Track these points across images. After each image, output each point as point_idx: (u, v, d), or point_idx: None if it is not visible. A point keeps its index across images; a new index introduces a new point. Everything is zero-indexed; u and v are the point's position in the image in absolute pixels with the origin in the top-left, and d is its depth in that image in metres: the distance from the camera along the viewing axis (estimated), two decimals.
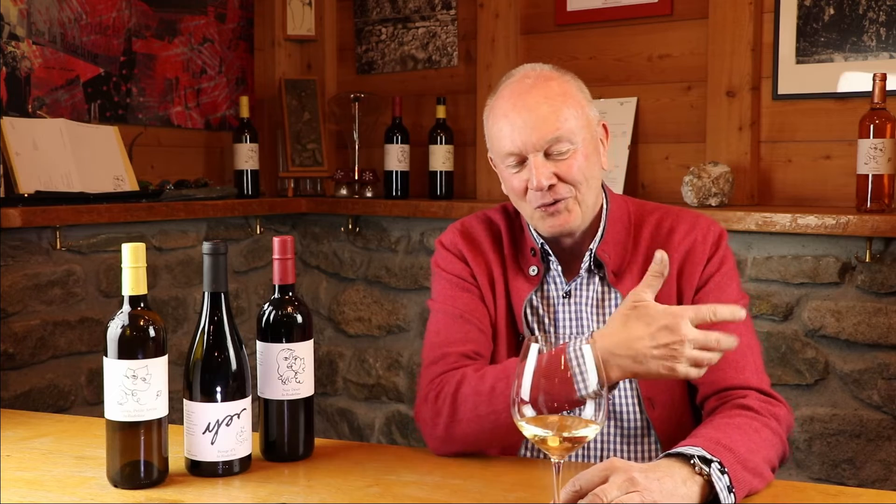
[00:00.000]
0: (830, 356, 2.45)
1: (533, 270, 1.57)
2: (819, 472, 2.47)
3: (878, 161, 2.34)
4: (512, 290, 1.58)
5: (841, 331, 2.43)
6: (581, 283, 1.56)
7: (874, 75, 2.35)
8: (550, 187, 1.47)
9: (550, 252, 1.57)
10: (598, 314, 1.55)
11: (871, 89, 2.36)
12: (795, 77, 2.62)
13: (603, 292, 1.55)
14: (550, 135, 1.45)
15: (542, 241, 1.57)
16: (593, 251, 1.54)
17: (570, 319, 1.56)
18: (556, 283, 1.57)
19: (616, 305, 1.53)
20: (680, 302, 1.51)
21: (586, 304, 1.55)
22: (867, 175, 2.36)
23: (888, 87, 2.36)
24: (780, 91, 2.64)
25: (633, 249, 1.55)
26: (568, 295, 1.56)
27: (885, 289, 2.37)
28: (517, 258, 1.59)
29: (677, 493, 1.17)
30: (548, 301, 1.57)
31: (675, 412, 1.52)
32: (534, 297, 1.57)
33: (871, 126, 2.34)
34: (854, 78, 2.54)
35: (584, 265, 1.55)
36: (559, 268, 1.57)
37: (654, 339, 1.27)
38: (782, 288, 2.51)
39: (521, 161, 1.48)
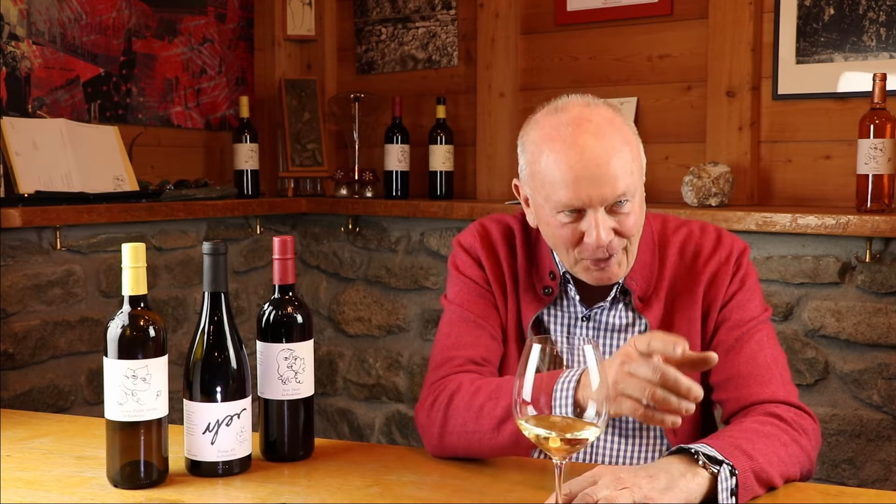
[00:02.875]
0: (830, 356, 2.45)
1: (547, 290, 1.52)
2: (819, 472, 2.47)
3: (878, 161, 2.34)
4: (522, 304, 1.54)
5: (841, 331, 2.43)
6: (603, 308, 1.51)
7: (874, 75, 2.35)
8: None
9: (571, 280, 1.52)
10: (621, 340, 1.51)
11: (871, 89, 2.36)
12: (795, 77, 2.62)
13: (628, 317, 1.51)
14: (620, 191, 1.37)
15: (564, 269, 1.51)
16: (621, 283, 1.49)
17: None
18: (574, 307, 1.53)
19: (642, 332, 1.49)
20: (705, 319, 1.49)
21: (606, 329, 1.52)
22: (867, 175, 2.36)
23: (888, 87, 2.36)
24: (780, 91, 2.64)
25: (658, 273, 1.50)
26: (587, 318, 1.53)
27: (885, 289, 2.37)
28: (530, 273, 1.55)
29: (676, 486, 1.16)
30: (562, 321, 1.54)
31: (688, 420, 1.49)
32: (544, 316, 1.54)
33: (871, 126, 2.34)
34: (854, 78, 2.54)
35: (611, 296, 1.50)
36: (577, 295, 1.52)
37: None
38: (782, 288, 2.51)
39: (578, 211, 1.39)
